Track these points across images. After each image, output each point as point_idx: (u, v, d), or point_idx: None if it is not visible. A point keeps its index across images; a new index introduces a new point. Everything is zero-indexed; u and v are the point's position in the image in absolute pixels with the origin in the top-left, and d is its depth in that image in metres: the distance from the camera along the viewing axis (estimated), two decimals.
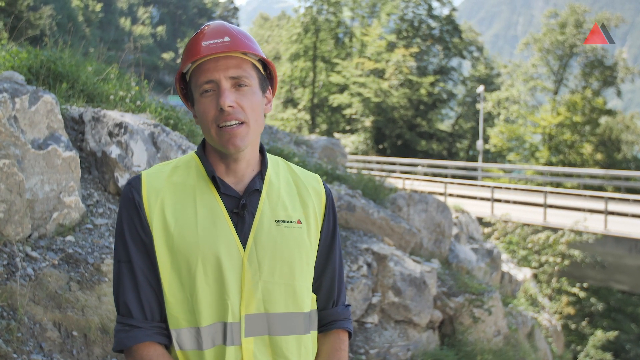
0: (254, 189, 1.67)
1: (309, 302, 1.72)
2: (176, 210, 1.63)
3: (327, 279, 1.82)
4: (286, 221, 1.68)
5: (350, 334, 1.87)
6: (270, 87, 1.77)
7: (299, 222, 1.71)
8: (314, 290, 1.80)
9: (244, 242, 1.62)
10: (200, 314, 1.59)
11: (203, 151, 1.74)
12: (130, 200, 1.65)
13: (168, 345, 1.65)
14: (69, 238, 3.96)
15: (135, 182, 1.67)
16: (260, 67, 1.71)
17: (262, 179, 1.71)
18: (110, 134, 4.80)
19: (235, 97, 1.61)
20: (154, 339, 1.62)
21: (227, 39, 1.62)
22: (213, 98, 1.61)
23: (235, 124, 1.60)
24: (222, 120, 1.59)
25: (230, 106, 1.58)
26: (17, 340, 3.10)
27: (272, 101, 1.76)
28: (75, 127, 4.94)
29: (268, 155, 1.79)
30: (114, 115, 4.95)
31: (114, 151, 4.71)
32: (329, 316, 1.83)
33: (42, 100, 4.02)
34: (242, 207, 1.64)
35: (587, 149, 37.41)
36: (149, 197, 1.64)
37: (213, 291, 1.59)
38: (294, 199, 1.74)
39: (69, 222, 4.07)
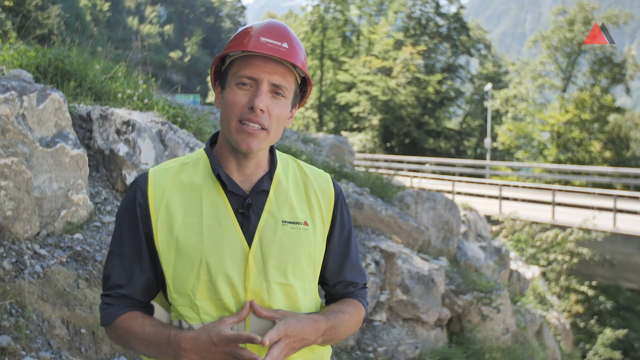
0: (261, 189, 1.67)
1: (307, 303, 1.71)
2: (182, 208, 1.63)
3: (347, 275, 1.85)
4: (292, 222, 1.68)
5: (365, 318, 1.89)
6: (298, 104, 1.76)
7: (305, 223, 1.70)
8: (333, 285, 1.84)
9: (249, 241, 1.61)
10: (204, 312, 1.59)
11: (212, 147, 1.73)
12: (132, 201, 1.66)
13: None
14: (77, 236, 3.97)
15: (141, 182, 1.67)
16: (299, 82, 1.71)
17: (271, 179, 1.70)
18: (118, 132, 4.80)
19: (268, 103, 1.59)
20: (124, 311, 1.66)
21: (285, 45, 1.60)
22: (247, 93, 1.59)
23: (258, 127, 1.59)
24: (246, 118, 1.58)
25: (261, 110, 1.57)
26: (26, 337, 3.11)
27: (293, 117, 1.75)
28: (83, 125, 4.95)
29: (278, 153, 1.78)
30: (121, 113, 4.95)
31: (122, 149, 4.71)
32: (351, 294, 1.87)
33: (50, 98, 4.02)
34: (247, 207, 1.63)
35: (596, 146, 37.21)
36: (154, 196, 1.64)
37: (217, 289, 1.58)
38: (301, 199, 1.73)
39: (77, 220, 4.08)
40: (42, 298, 3.35)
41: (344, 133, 41.53)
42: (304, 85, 1.75)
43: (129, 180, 4.65)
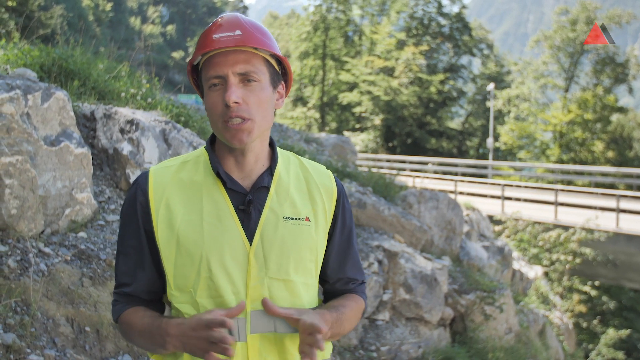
0: (262, 185, 1.66)
1: (310, 299, 1.70)
2: (182, 206, 1.62)
3: (348, 271, 1.84)
4: (294, 218, 1.66)
5: (364, 311, 1.89)
6: (283, 82, 1.74)
7: (307, 219, 1.69)
8: (334, 283, 1.83)
9: (250, 238, 1.61)
10: (205, 309, 1.57)
11: (212, 145, 1.73)
12: (133, 200, 1.66)
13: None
14: (81, 234, 3.98)
15: (141, 180, 1.67)
16: (273, 61, 1.67)
17: (271, 175, 1.69)
18: (122, 131, 4.81)
19: (242, 93, 1.58)
20: (128, 307, 1.67)
21: (238, 32, 1.59)
22: (220, 92, 1.59)
23: (240, 121, 1.58)
24: (227, 116, 1.57)
25: (235, 102, 1.56)
26: (31, 335, 3.12)
27: (284, 96, 1.73)
28: (87, 124, 4.96)
29: (279, 149, 1.76)
30: (125, 112, 4.96)
31: (126, 148, 4.72)
32: (351, 291, 1.87)
33: (55, 97, 4.03)
34: (247, 204, 1.62)
35: (599, 146, 37.18)
36: (155, 194, 1.64)
37: (217, 287, 1.57)
38: (303, 195, 1.72)
39: (81, 219, 4.09)
40: (47, 296, 3.36)
41: (346, 133, 41.51)
42: (283, 64, 1.73)
43: (133, 179, 4.66)
